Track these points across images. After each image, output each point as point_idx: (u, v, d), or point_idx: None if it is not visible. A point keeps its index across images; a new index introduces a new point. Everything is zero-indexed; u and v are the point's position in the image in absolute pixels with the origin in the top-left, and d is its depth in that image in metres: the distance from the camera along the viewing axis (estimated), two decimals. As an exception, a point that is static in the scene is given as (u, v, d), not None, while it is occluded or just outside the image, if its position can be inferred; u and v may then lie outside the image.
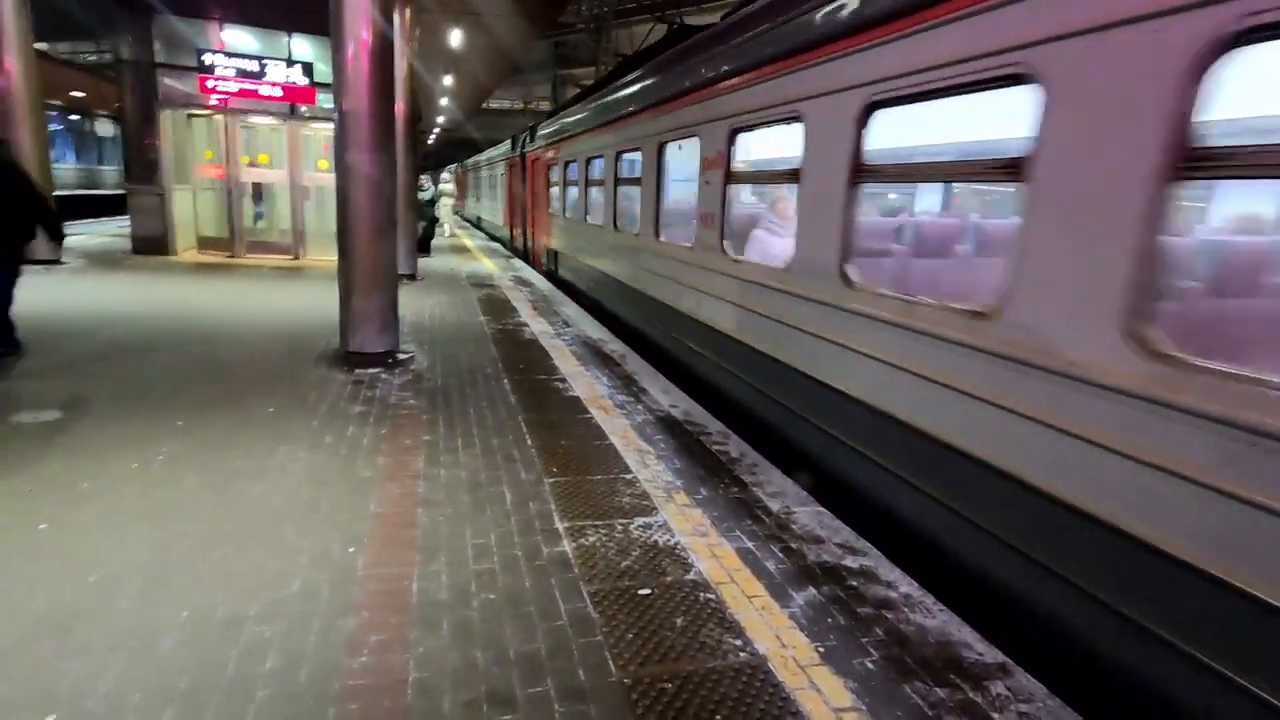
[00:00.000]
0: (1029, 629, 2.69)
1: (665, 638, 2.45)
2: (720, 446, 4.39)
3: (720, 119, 5.27)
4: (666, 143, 6.49)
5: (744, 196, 6.40)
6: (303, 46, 12.64)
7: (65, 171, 22.42)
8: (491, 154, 23.26)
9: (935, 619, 2.65)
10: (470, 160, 31.07)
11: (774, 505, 3.58)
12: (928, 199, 8.00)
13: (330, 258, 7.49)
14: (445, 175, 27.40)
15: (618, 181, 8.18)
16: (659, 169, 6.64)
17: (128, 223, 12.55)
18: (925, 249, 4.81)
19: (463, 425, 4.53)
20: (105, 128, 26.40)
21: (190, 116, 12.47)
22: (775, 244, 4.84)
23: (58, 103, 22.68)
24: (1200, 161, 2.10)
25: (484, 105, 34.28)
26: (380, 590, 2.64)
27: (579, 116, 10.28)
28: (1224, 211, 4.78)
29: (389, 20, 5.75)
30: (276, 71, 11.89)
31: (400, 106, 9.08)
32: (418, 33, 12.09)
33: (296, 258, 13.00)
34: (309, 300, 8.72)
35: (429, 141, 45.72)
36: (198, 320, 7.28)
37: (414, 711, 2.04)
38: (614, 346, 7.10)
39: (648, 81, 7.19)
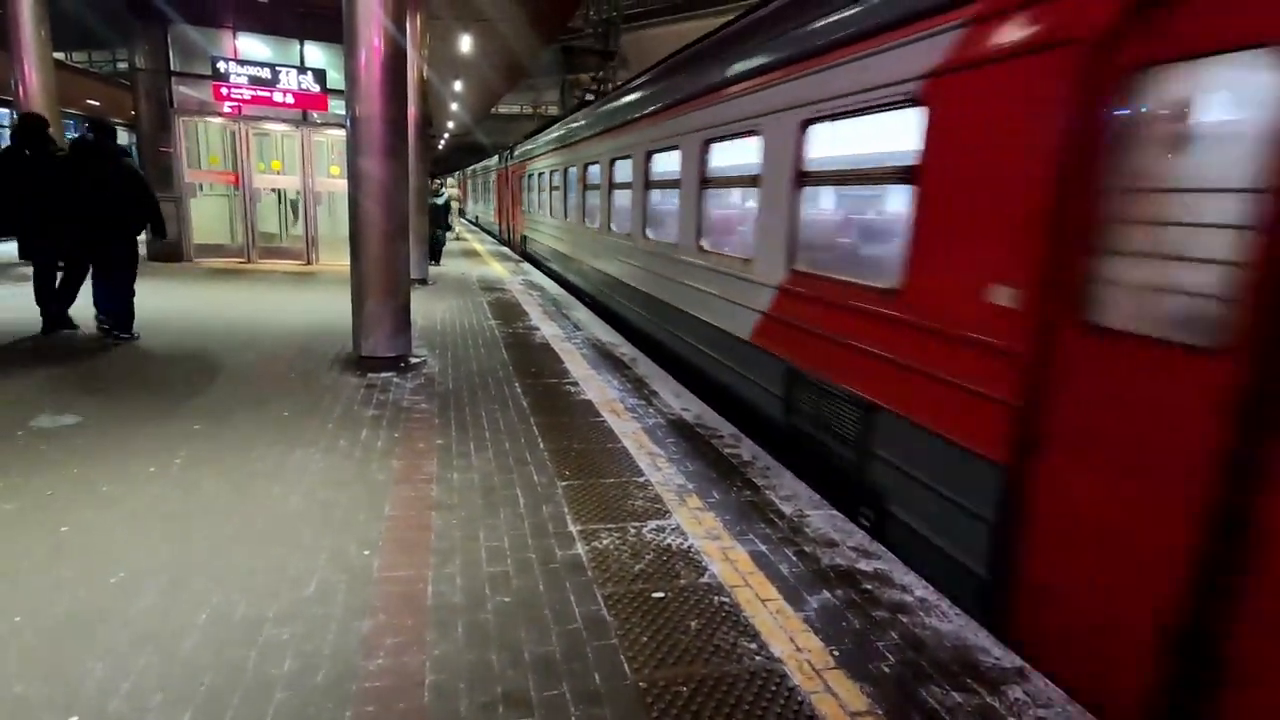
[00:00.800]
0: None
1: (680, 641, 2.45)
2: (732, 450, 4.39)
3: (589, 154, 10.32)
4: (582, 163, 10.75)
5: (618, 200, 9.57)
6: (315, 54, 12.77)
7: (81, 178, 22.65)
8: (486, 164, 28.91)
9: (951, 623, 2.64)
10: (469, 169, 37.84)
11: (787, 509, 3.58)
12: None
13: (343, 263, 7.56)
14: (451, 180, 30.74)
15: (554, 188, 13.21)
16: (582, 181, 10.87)
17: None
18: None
19: (475, 429, 4.55)
20: (120, 135, 26.67)
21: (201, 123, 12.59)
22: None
23: (74, 111, 22.99)
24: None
25: (493, 110, 34.49)
26: (396, 592, 2.66)
27: (532, 146, 16.35)
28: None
29: (401, 27, 5.81)
30: (289, 78, 12.03)
31: (412, 112, 9.14)
32: (429, 39, 12.18)
33: (309, 263, 13.11)
34: (322, 305, 8.79)
35: (439, 147, 46.00)
36: (212, 326, 7.36)
37: (430, 713, 2.05)
38: (625, 350, 7.12)
39: (569, 126, 12.43)
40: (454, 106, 27.43)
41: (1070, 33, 2.55)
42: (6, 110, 17.93)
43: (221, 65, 11.68)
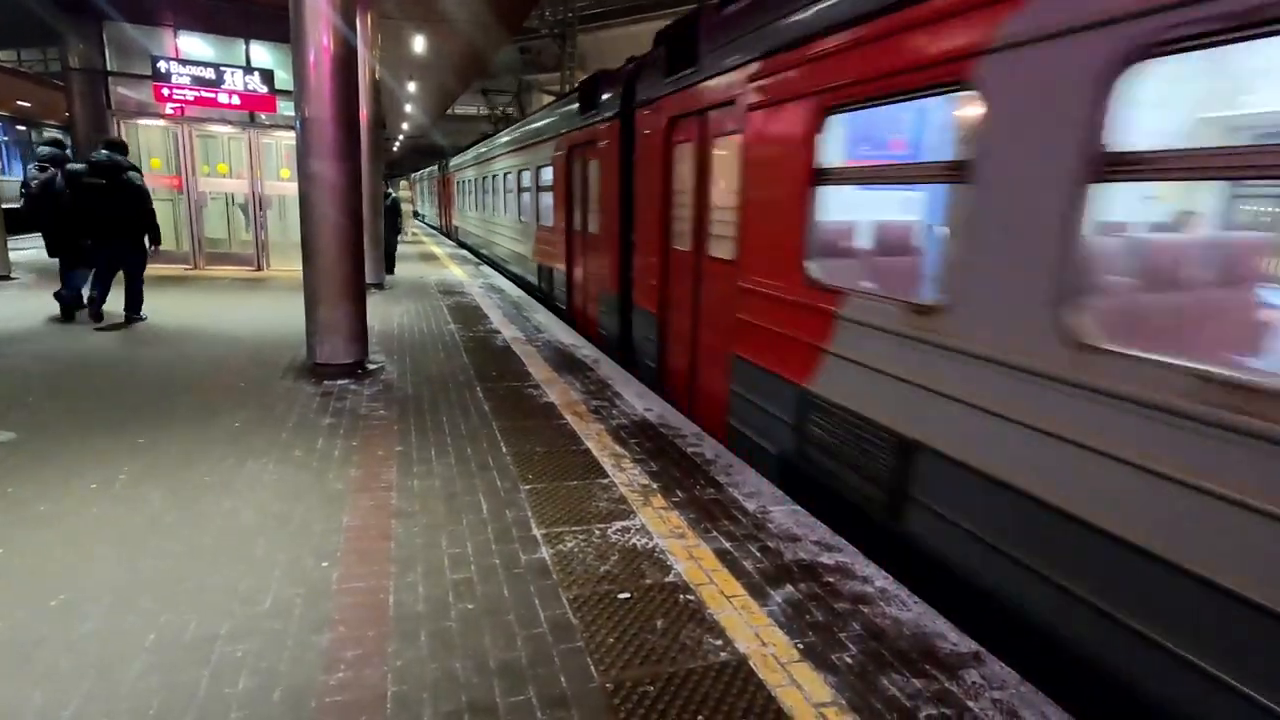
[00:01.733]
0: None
1: (646, 640, 2.46)
2: (695, 448, 4.41)
3: (482, 170, 17.55)
4: (478, 176, 17.59)
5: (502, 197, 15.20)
6: (262, 53, 12.40)
7: (11, 184, 21.60)
8: (430, 171, 36.60)
9: (910, 611, 2.70)
10: (415, 175, 45.70)
11: (750, 505, 3.61)
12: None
13: (295, 268, 7.35)
14: (403, 183, 36.03)
15: (467, 192, 20.26)
16: (479, 186, 17.37)
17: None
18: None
19: (435, 434, 4.48)
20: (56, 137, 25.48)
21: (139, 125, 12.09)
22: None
23: (3, 113, 21.88)
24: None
25: (449, 111, 34.00)
26: (356, 604, 2.60)
27: (458, 161, 23.28)
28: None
29: (351, 26, 5.69)
30: (235, 79, 11.65)
31: (364, 113, 8.95)
32: (380, 38, 11.95)
33: (260, 269, 12.73)
34: (274, 312, 8.55)
35: (394, 149, 45.18)
36: (158, 335, 7.08)
37: (394, 725, 2.01)
38: (587, 352, 7.10)
39: (474, 151, 19.31)
40: (409, 108, 27.00)
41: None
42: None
43: (163, 65, 11.24)
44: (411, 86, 21.48)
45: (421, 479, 3.78)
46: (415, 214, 33.42)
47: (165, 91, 11.27)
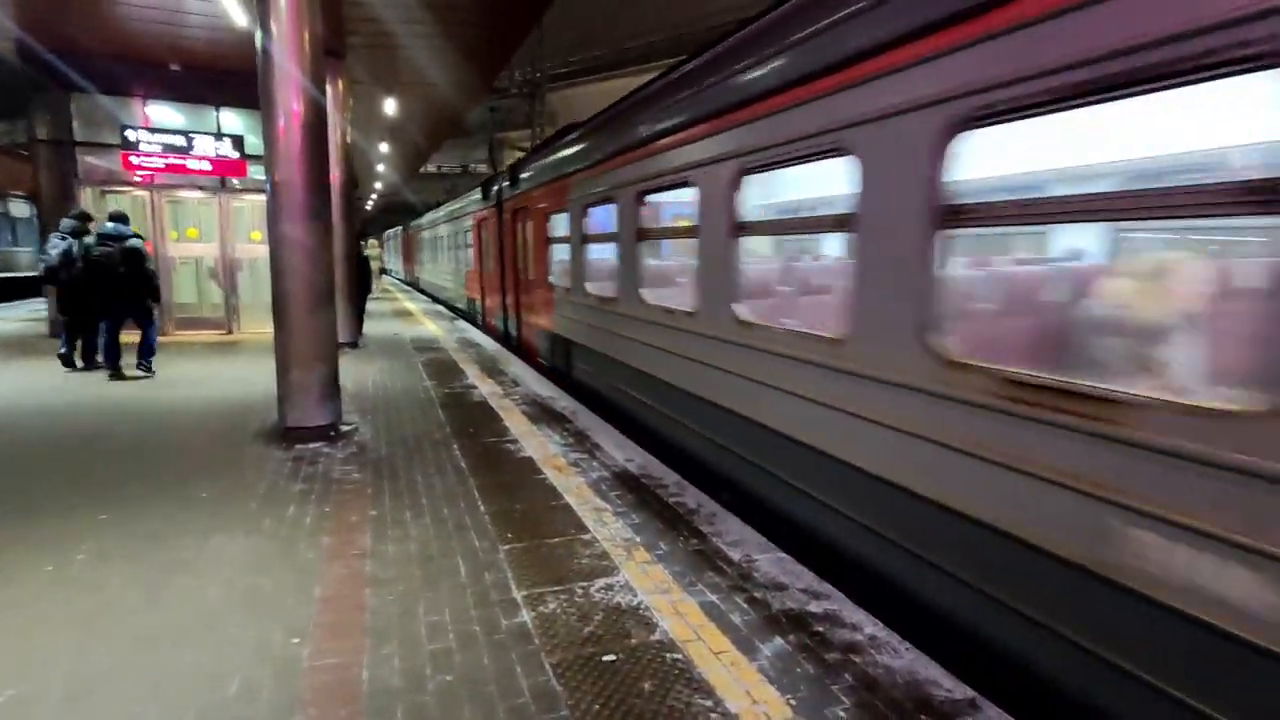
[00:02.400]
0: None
1: (633, 705, 2.37)
2: (677, 498, 4.36)
3: (427, 233, 26.63)
4: (426, 234, 26.58)
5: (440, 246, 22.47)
6: (232, 119, 12.51)
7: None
8: (394, 231, 44.16)
9: (902, 658, 2.64)
10: (384, 234, 51.76)
11: (735, 554, 3.55)
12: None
13: (267, 330, 7.27)
14: (373, 241, 38.71)
15: (421, 247, 29.13)
16: (430, 243, 25.61)
17: (43, 306, 11.90)
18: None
19: (411, 496, 4.37)
20: (20, 208, 25.28)
21: (105, 194, 12.00)
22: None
23: (-32, 185, 21.66)
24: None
25: (422, 170, 34.47)
26: (327, 682, 2.48)
27: (417, 223, 30.66)
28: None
29: (321, 90, 5.78)
30: (205, 145, 11.70)
31: (336, 175, 9.04)
32: (351, 102, 12.15)
33: (230, 332, 12.56)
34: (245, 375, 8.39)
35: (367, 208, 45.52)
36: (122, 404, 6.90)
37: (368, 816, 1.89)
38: (564, 404, 7.05)
39: (425, 219, 27.49)
40: (381, 168, 27.31)
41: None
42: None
43: (132, 134, 11.27)
44: (384, 147, 21.78)
45: (397, 543, 3.67)
46: (383, 270, 36.94)
47: (134, 160, 11.27)
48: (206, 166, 11.73)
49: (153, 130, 11.56)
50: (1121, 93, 2.16)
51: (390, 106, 15.38)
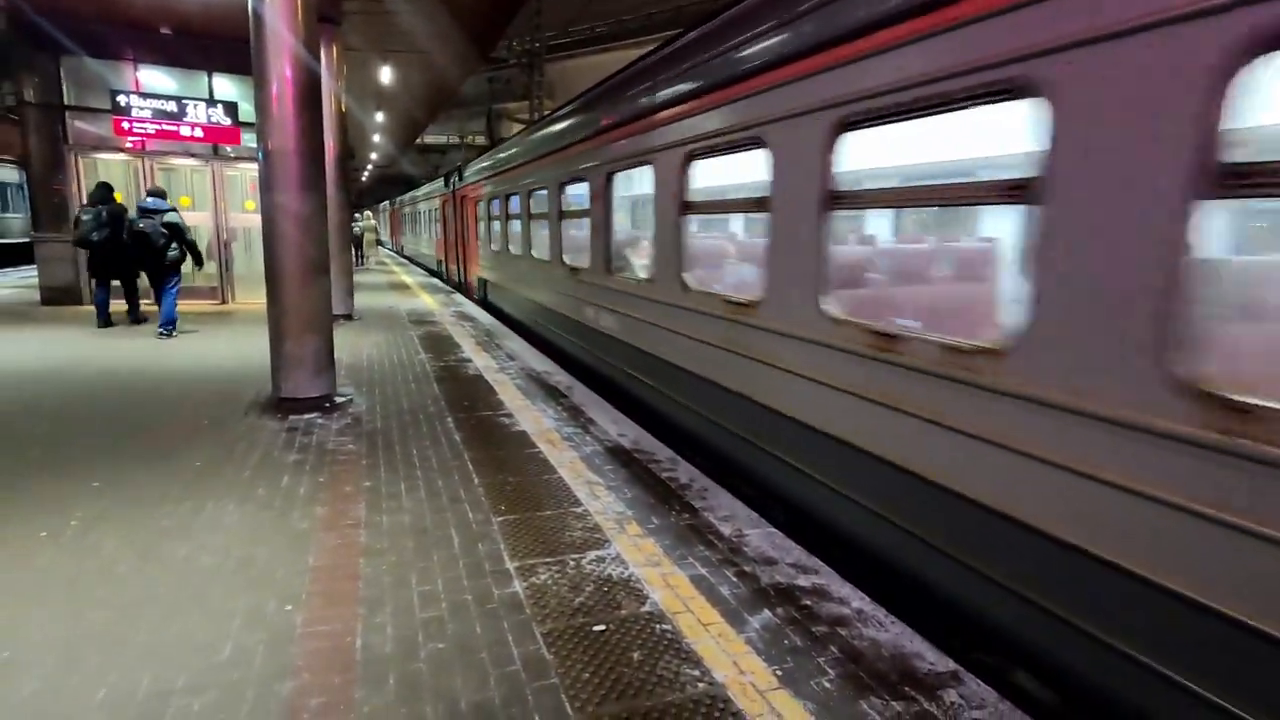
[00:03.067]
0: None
1: (622, 674, 2.40)
2: (670, 473, 4.38)
3: (411, 209, 31.43)
4: (411, 210, 30.76)
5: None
6: (225, 85, 12.30)
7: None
8: (382, 207, 47.64)
9: (888, 632, 2.68)
10: (377, 206, 54.08)
11: (725, 529, 3.59)
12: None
13: (261, 300, 7.23)
14: (368, 213, 37.67)
15: (410, 220, 31.01)
16: (413, 218, 30.14)
17: (34, 272, 11.80)
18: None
19: (405, 468, 4.39)
20: (9, 174, 24.94)
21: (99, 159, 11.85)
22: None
23: (-45, 148, 21.30)
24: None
25: (419, 141, 34.01)
26: (320, 649, 2.51)
27: (402, 199, 34.82)
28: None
29: (315, 56, 5.67)
30: (197, 111, 11.52)
31: (331, 144, 8.91)
32: (346, 69, 11.93)
33: (224, 302, 12.48)
34: (238, 346, 8.37)
35: (363, 179, 45.02)
36: (116, 373, 6.88)
37: (360, 777, 1.93)
38: (559, 378, 7.05)
39: (407, 195, 33.14)
40: (377, 138, 26.94)
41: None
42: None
43: (122, 99, 11.08)
44: (379, 116, 21.46)
45: (391, 514, 3.69)
46: (378, 241, 37.60)
47: (125, 125, 11.10)
48: (199, 133, 11.56)
49: (144, 95, 11.36)
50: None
51: (386, 75, 15.13)
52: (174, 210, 9.10)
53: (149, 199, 9.04)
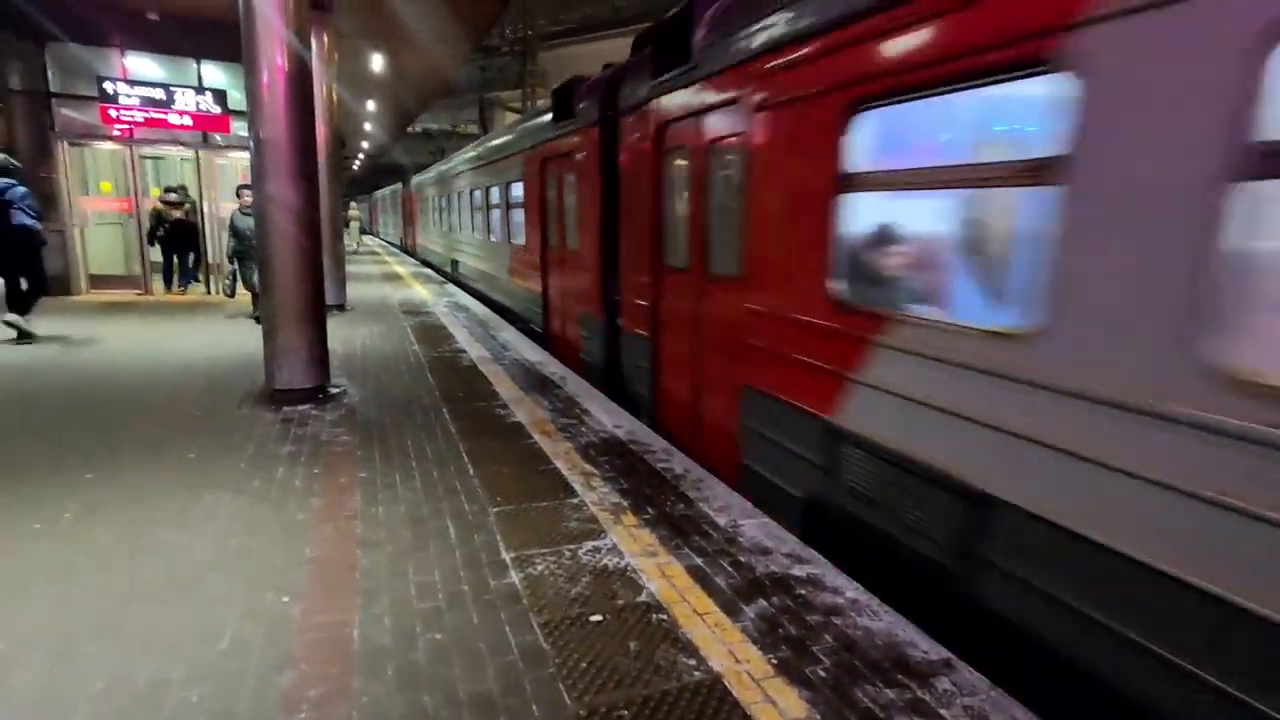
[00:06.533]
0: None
1: (619, 664, 2.42)
2: (665, 464, 4.40)
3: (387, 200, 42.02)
4: (387, 202, 42.20)
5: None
6: (214, 73, 12.15)
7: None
8: (364, 199, 51.27)
9: (881, 621, 2.72)
10: (362, 198, 57.07)
11: (721, 519, 3.61)
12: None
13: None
14: (353, 203, 37.72)
15: (386, 210, 42.82)
16: (387, 207, 41.80)
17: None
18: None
19: (401, 459, 4.39)
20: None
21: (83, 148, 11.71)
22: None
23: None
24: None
25: (410, 129, 33.74)
26: (319, 639, 2.52)
27: (380, 194, 46.61)
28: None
29: (306, 44, 5.61)
30: (186, 99, 11.38)
31: (322, 132, 8.84)
32: (338, 57, 11.80)
33: (215, 292, 12.39)
34: (230, 337, 8.32)
35: (354, 168, 44.71)
36: (108, 364, 6.83)
37: (360, 766, 1.94)
38: (554, 369, 7.05)
39: (385, 190, 43.03)
40: (369, 126, 26.71)
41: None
42: None
43: (109, 86, 10.94)
44: (371, 105, 21.27)
45: (387, 505, 3.69)
46: (363, 230, 38.83)
47: (113, 113, 10.95)
48: (188, 121, 11.43)
49: (131, 83, 11.21)
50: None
51: (377, 63, 14.96)
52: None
53: (175, 187, 10.67)
